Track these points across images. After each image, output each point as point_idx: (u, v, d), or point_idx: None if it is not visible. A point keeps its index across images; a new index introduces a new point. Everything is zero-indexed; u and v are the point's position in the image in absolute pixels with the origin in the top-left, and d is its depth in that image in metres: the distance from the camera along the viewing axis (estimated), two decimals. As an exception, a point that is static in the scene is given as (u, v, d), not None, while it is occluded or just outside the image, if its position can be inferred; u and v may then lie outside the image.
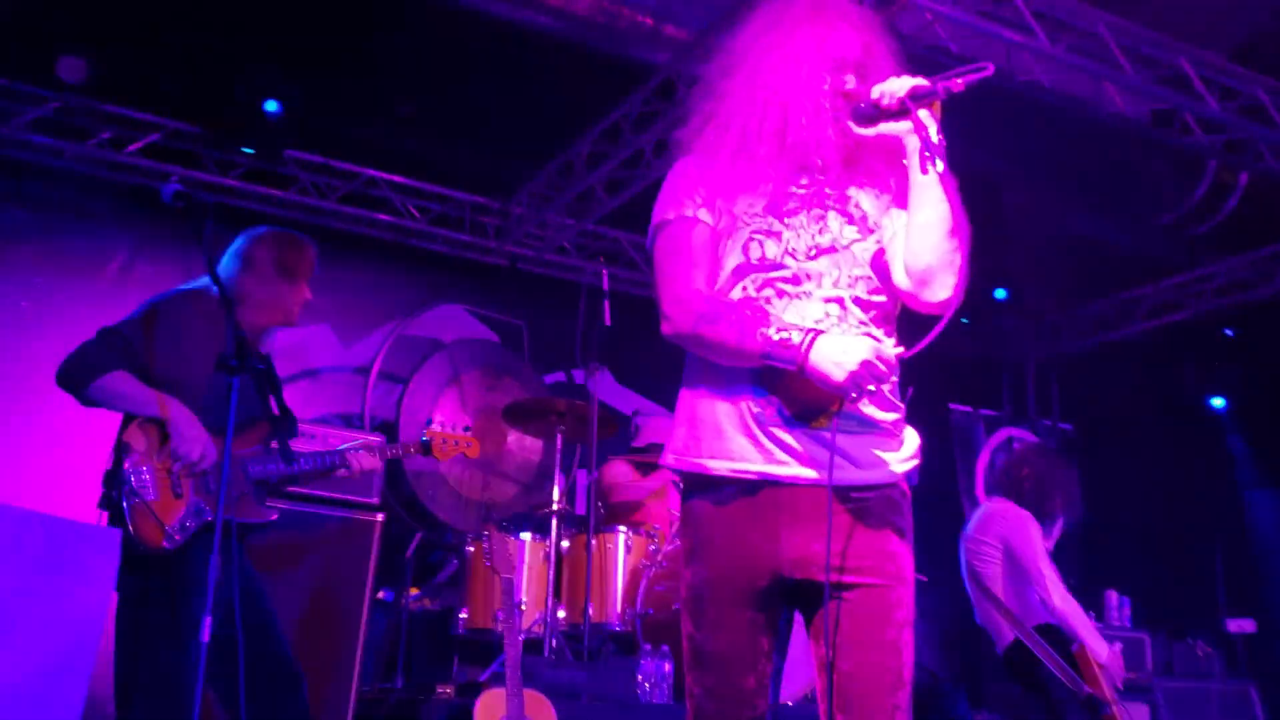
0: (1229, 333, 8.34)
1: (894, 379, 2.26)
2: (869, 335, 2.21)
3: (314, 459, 3.67)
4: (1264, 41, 6.13)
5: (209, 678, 3.06)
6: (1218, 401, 8.41)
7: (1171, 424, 8.50)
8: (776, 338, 2.13)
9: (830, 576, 2.16)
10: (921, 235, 2.17)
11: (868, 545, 2.21)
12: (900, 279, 2.25)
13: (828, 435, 2.18)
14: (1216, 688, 6.84)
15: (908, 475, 2.30)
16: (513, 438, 7.18)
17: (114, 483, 3.26)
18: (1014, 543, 5.05)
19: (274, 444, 3.51)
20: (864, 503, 2.22)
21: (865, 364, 2.08)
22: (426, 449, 4.18)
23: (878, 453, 2.23)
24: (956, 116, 2.26)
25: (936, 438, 8.57)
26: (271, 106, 6.38)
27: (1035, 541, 5.03)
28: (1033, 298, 8.85)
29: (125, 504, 3.22)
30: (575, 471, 7.04)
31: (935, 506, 8.26)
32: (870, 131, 2.23)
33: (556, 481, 5.59)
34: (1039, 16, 5.53)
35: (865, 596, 2.19)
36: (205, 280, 3.45)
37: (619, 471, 6.26)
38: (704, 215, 2.32)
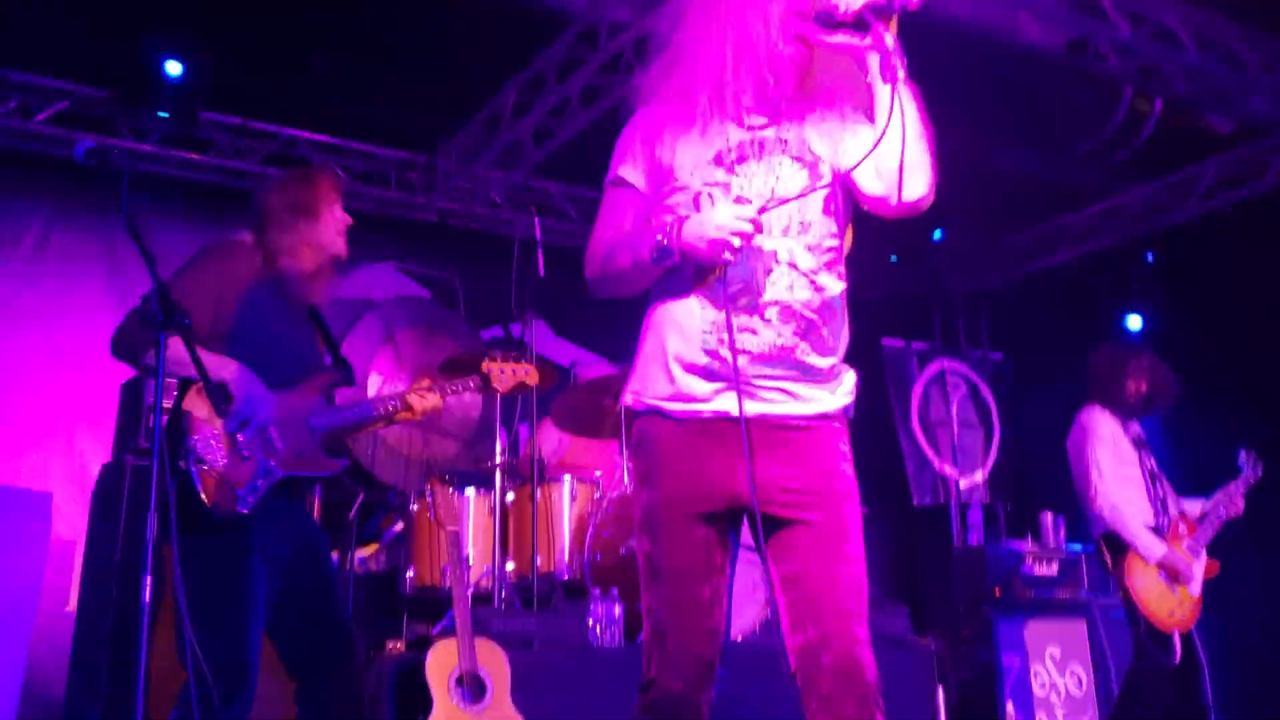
0: (1149, 256, 8.51)
1: (841, 323, 2.41)
2: (815, 281, 2.34)
3: (376, 404, 3.60)
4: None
5: (271, 630, 3.22)
6: (1134, 322, 8.60)
7: (1096, 347, 8.67)
8: (655, 241, 2.31)
9: (791, 500, 2.32)
10: (892, 140, 2.23)
11: (818, 469, 2.35)
12: (872, 186, 2.35)
13: (742, 366, 2.31)
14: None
15: (845, 409, 2.43)
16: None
17: (181, 451, 3.14)
18: (1068, 447, 5.21)
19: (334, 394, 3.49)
20: (810, 431, 2.37)
21: (719, 230, 2.23)
22: (486, 383, 4.07)
23: (817, 390, 2.38)
24: None
25: (870, 372, 8.66)
26: (175, 70, 6.23)
27: (1085, 442, 5.14)
28: (958, 232, 8.96)
29: (194, 471, 3.13)
30: (517, 425, 7.04)
31: (872, 440, 8.39)
32: (831, 39, 2.29)
33: (498, 436, 5.58)
34: (955, -52, 5.57)
35: (822, 517, 2.33)
36: (244, 230, 3.43)
37: (553, 440, 6.27)
38: (637, 179, 2.45)
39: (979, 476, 9.11)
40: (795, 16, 2.32)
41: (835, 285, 2.39)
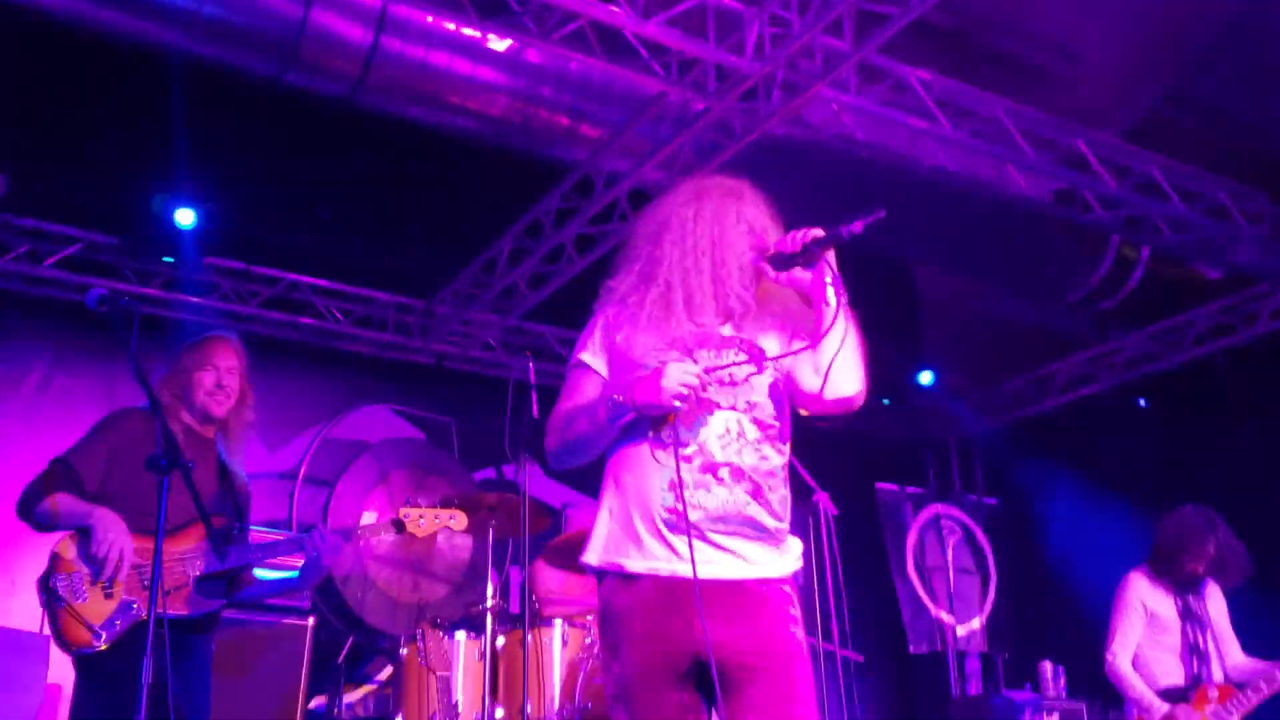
0: (1142, 403, 8.58)
1: (783, 492, 2.59)
2: (760, 450, 2.55)
3: (265, 549, 3.70)
4: (1153, 125, 6.43)
5: None
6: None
7: (1091, 491, 8.67)
8: (612, 402, 2.52)
9: (743, 661, 2.43)
10: (828, 346, 2.55)
11: (768, 631, 2.48)
12: (810, 382, 2.59)
13: (706, 533, 2.47)
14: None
15: (794, 575, 2.59)
16: (442, 537, 7.13)
17: (43, 589, 3.36)
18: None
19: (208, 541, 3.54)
20: (761, 595, 2.50)
21: (669, 380, 2.44)
22: (400, 527, 4.09)
23: (768, 552, 2.54)
24: (870, 205, 2.53)
25: (865, 517, 8.65)
26: (190, 221, 6.40)
27: (1121, 600, 5.13)
28: (951, 377, 9.04)
29: (50, 610, 3.33)
30: (508, 568, 6.99)
31: (867, 586, 8.32)
32: (783, 275, 2.62)
33: (490, 578, 5.54)
34: (941, 104, 5.77)
35: (772, 677, 2.44)
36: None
37: (547, 579, 6.22)
38: (598, 364, 2.69)
39: (976, 624, 9.00)
40: (755, 252, 2.64)
41: (777, 458, 2.59)
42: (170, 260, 6.66)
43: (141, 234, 6.64)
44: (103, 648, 3.30)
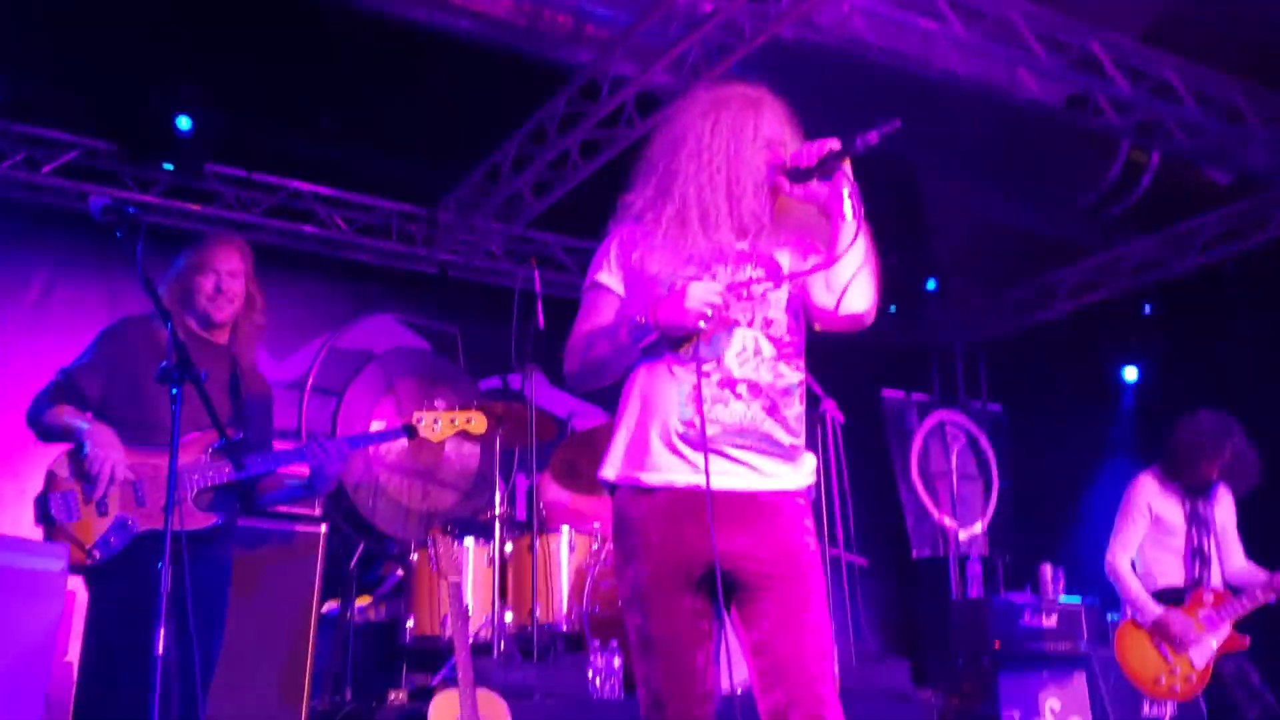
0: (1147, 309, 8.55)
1: (799, 409, 2.62)
2: (776, 368, 2.57)
3: (272, 459, 3.61)
4: (1170, 24, 6.30)
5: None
6: (1130, 374, 8.62)
7: (1094, 399, 8.70)
8: (634, 323, 2.54)
9: (758, 569, 2.49)
10: (844, 263, 2.54)
11: (783, 541, 2.52)
12: (822, 298, 2.60)
13: (721, 450, 2.51)
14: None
15: (807, 489, 2.63)
16: (450, 445, 7.16)
17: (38, 508, 3.34)
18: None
19: (214, 451, 3.48)
20: (775, 505, 2.54)
21: (693, 300, 2.46)
22: (411, 433, 3.87)
23: (782, 466, 2.56)
24: (880, 111, 2.52)
25: (870, 423, 8.68)
26: (185, 124, 6.30)
27: (1128, 501, 5.18)
28: (958, 284, 9.01)
29: (46, 529, 3.32)
30: (515, 475, 7.03)
31: (872, 491, 8.39)
32: (800, 190, 2.60)
33: (497, 486, 5.58)
34: (954, 5, 5.64)
35: (787, 585, 2.49)
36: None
37: (553, 494, 6.26)
38: (614, 284, 2.69)
39: (978, 528, 9.09)
40: (770, 168, 2.61)
41: (793, 375, 2.60)
42: (170, 167, 6.57)
43: (140, 139, 6.53)
44: (98, 563, 3.28)
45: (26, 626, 2.71)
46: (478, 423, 3.97)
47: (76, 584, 4.53)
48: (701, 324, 2.46)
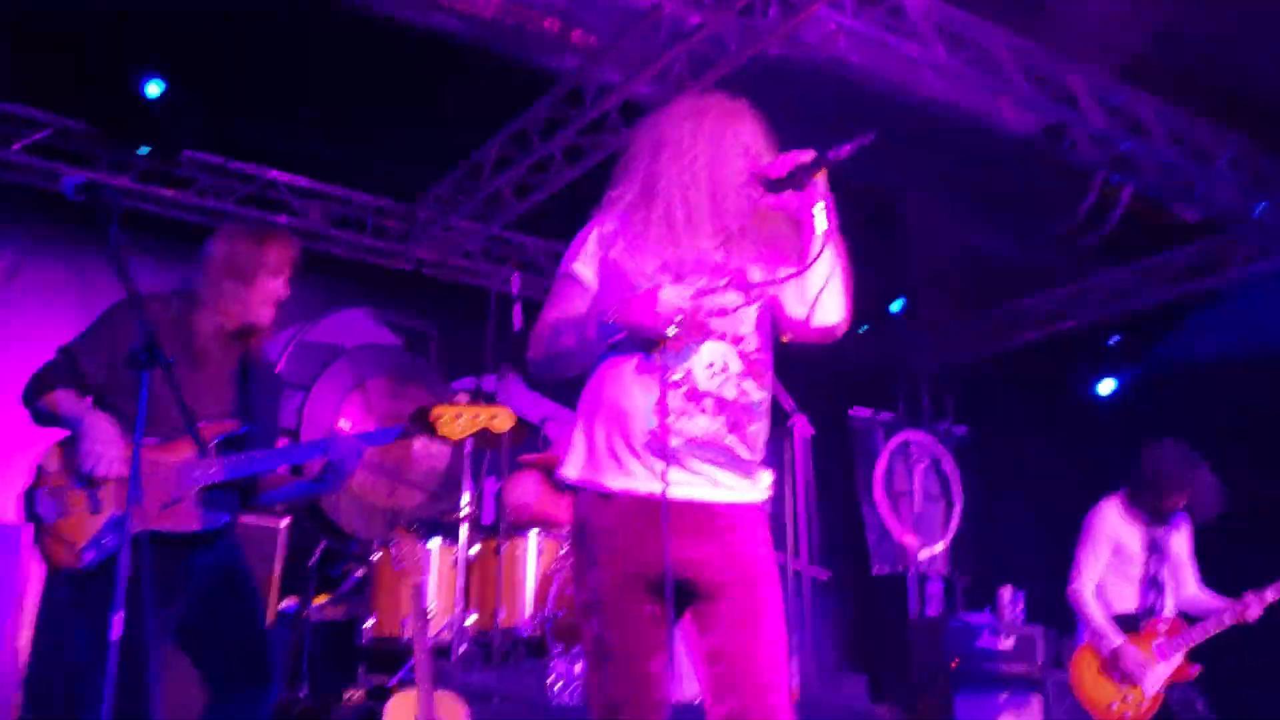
0: (1114, 339, 8.66)
1: (760, 426, 2.62)
2: (742, 385, 2.57)
3: (282, 454, 3.40)
4: (1147, 63, 6.38)
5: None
6: (1107, 386, 8.70)
7: (1060, 425, 8.79)
8: (602, 319, 2.53)
9: (714, 578, 2.50)
10: (816, 275, 2.56)
11: (739, 552, 2.54)
12: (796, 310, 2.63)
13: (686, 459, 2.51)
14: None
15: (763, 504, 2.64)
16: (419, 444, 7.11)
17: (25, 505, 3.11)
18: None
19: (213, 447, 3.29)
20: (732, 518, 2.56)
21: (663, 305, 2.45)
22: (431, 430, 3.53)
23: (741, 481, 2.59)
24: (860, 131, 2.51)
25: (837, 442, 8.73)
26: (156, 90, 6.21)
27: (1090, 529, 5.21)
28: (928, 307, 9.07)
29: (34, 528, 3.10)
30: (484, 479, 7.01)
31: (835, 508, 8.43)
32: (773, 199, 2.59)
33: (466, 488, 5.56)
34: (938, 31, 5.69)
35: (742, 593, 2.52)
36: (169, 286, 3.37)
37: (528, 490, 6.21)
38: (588, 275, 2.68)
39: (939, 548, 9.15)
40: (748, 175, 2.61)
41: (758, 392, 2.61)
42: (146, 150, 6.50)
43: (115, 119, 6.46)
44: (89, 566, 3.07)
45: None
46: (502, 419, 3.63)
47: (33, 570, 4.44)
48: (670, 330, 2.47)
